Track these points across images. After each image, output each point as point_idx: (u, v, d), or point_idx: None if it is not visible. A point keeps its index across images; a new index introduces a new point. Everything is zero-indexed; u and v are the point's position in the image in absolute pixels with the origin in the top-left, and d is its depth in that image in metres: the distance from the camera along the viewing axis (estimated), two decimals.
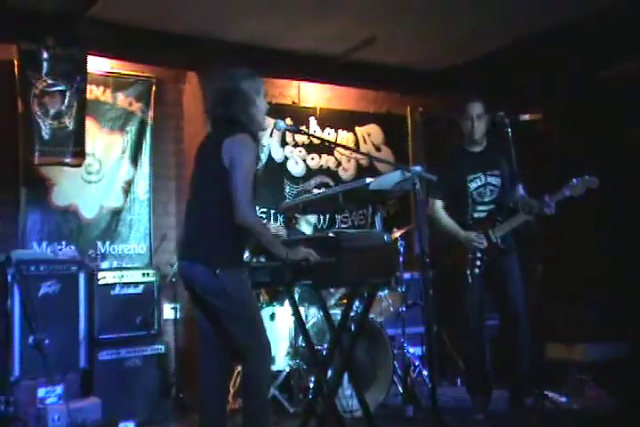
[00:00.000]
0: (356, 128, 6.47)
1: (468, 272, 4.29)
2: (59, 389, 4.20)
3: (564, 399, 4.32)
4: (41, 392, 4.15)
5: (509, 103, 4.70)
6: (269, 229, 3.45)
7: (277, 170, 5.99)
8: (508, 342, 4.33)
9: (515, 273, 4.34)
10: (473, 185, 4.39)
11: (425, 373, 5.00)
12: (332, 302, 4.76)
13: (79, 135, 4.92)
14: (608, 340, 4.94)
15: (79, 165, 4.96)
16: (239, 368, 4.33)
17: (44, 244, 4.92)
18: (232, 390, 4.41)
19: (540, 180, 4.49)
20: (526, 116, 4.83)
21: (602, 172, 4.30)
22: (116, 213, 5.30)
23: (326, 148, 6.17)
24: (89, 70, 5.00)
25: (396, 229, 4.89)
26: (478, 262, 4.31)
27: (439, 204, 4.45)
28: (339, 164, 6.33)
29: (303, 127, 6.04)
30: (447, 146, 5.75)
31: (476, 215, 4.40)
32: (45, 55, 4.80)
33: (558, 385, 4.56)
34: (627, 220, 5.13)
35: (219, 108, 3.32)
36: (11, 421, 3.92)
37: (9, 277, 4.19)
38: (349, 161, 6.36)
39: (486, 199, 4.40)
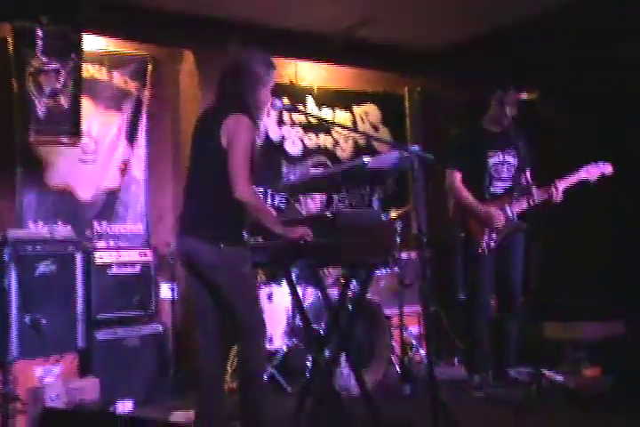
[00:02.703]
0: (354, 107, 6.45)
1: (485, 244, 4.34)
2: (56, 368, 4.21)
3: (560, 378, 4.34)
4: (38, 372, 4.16)
5: (508, 82, 4.68)
6: (267, 206, 3.44)
7: (274, 150, 5.96)
8: (500, 320, 4.39)
9: (520, 252, 4.45)
10: (491, 161, 4.47)
11: (422, 352, 5.02)
12: (330, 281, 4.76)
13: (75, 114, 4.88)
14: (605, 319, 4.96)
15: (75, 145, 4.93)
16: (236, 348, 4.36)
17: (41, 223, 4.90)
18: (230, 370, 4.43)
19: (545, 161, 4.55)
20: (524, 95, 4.82)
21: (604, 153, 4.34)
22: (113, 193, 5.28)
23: (324, 127, 6.14)
24: (84, 48, 4.95)
25: (393, 209, 4.88)
26: (494, 236, 4.37)
27: (458, 176, 4.50)
28: (336, 143, 6.30)
29: (300, 106, 6.01)
30: (448, 129, 5.77)
31: (492, 191, 4.48)
32: (40, 33, 4.73)
33: (555, 364, 4.57)
34: (626, 200, 5.12)
35: (228, 83, 3.31)
36: (9, 400, 3.92)
37: (5, 257, 4.17)
38: (347, 141, 6.33)
39: (504, 176, 4.49)
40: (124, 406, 4.33)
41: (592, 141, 5.20)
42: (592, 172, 4.38)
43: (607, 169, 4.40)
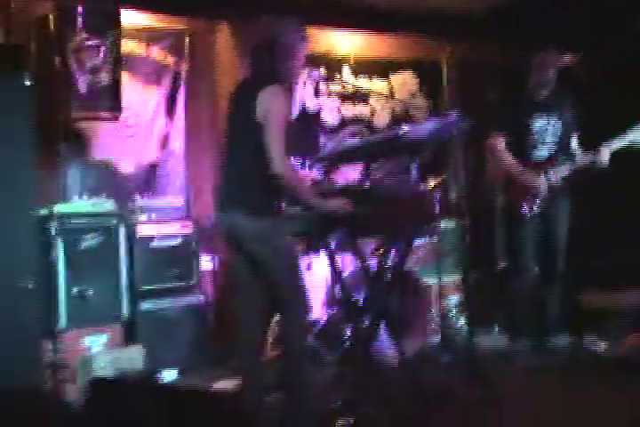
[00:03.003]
0: (391, 76, 6.37)
1: (527, 209, 4.33)
2: (103, 337, 4.33)
3: (603, 346, 4.31)
4: (86, 341, 4.28)
5: (550, 47, 4.59)
6: (304, 180, 3.46)
7: (311, 120, 5.94)
8: (543, 287, 4.37)
9: (565, 218, 4.43)
10: (536, 126, 4.44)
11: (461, 321, 5.01)
12: (369, 251, 4.76)
13: (116, 89, 4.92)
14: None
15: (116, 120, 4.99)
16: (277, 317, 4.41)
17: (85, 197, 4.99)
18: (270, 340, 4.49)
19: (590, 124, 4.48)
20: (566, 58, 4.73)
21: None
22: (153, 167, 5.33)
23: (361, 96, 6.09)
24: (123, 24, 4.98)
25: (432, 178, 4.84)
26: (537, 201, 4.33)
27: (502, 139, 4.48)
28: (373, 112, 6.25)
29: (337, 76, 5.98)
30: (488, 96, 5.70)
31: (536, 155, 4.44)
32: (80, 10, 4.78)
33: (597, 332, 4.53)
34: None
35: (260, 55, 3.32)
36: (58, 368, 4.06)
37: (52, 231, 4.28)
38: (384, 109, 6.28)
39: (548, 140, 4.45)
40: (169, 375, 4.45)
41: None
42: (636, 138, 4.29)
43: None
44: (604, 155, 4.27)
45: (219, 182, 3.44)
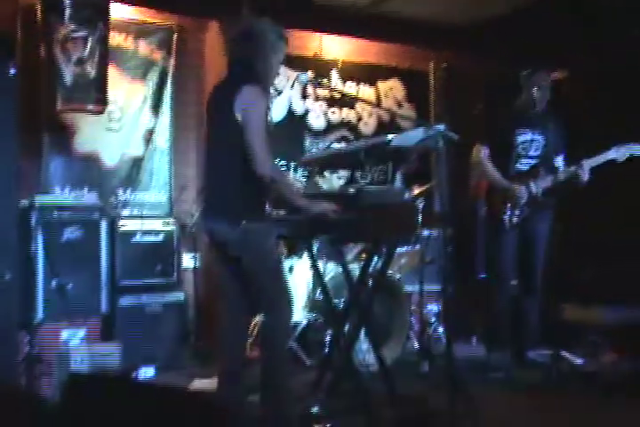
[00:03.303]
0: (379, 83, 6.41)
1: (507, 219, 4.37)
2: (81, 332, 4.31)
3: (579, 361, 4.38)
4: (64, 335, 4.26)
5: (536, 61, 4.65)
6: (290, 181, 3.46)
7: (298, 123, 5.96)
8: (521, 299, 4.42)
9: (545, 230, 4.46)
10: (520, 139, 4.48)
11: (441, 330, 5.06)
12: (351, 256, 4.80)
13: (102, 82, 4.89)
14: (627, 303, 4.96)
15: (101, 113, 4.95)
16: (257, 319, 4.43)
17: (67, 189, 4.96)
18: (249, 340, 4.50)
19: (574, 140, 4.54)
20: (554, 75, 4.80)
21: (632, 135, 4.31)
22: (137, 162, 5.31)
23: (347, 102, 6.13)
24: (111, 17, 4.94)
25: (416, 186, 4.89)
26: (517, 212, 4.38)
27: (486, 151, 4.52)
28: (360, 118, 6.29)
29: (325, 80, 6.00)
30: (473, 108, 5.77)
31: (518, 168, 4.49)
32: (68, 1, 4.74)
33: (574, 347, 4.58)
34: None
35: (237, 51, 3.32)
36: (35, 362, 4.02)
37: (32, 222, 4.25)
38: (371, 116, 6.33)
39: (531, 154, 4.49)
40: (146, 372, 4.44)
41: (622, 121, 5.14)
42: (621, 152, 4.33)
43: (637, 150, 4.34)
44: (586, 170, 4.32)
45: (204, 186, 3.42)
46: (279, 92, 5.87)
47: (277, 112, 5.85)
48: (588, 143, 4.68)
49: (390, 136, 3.51)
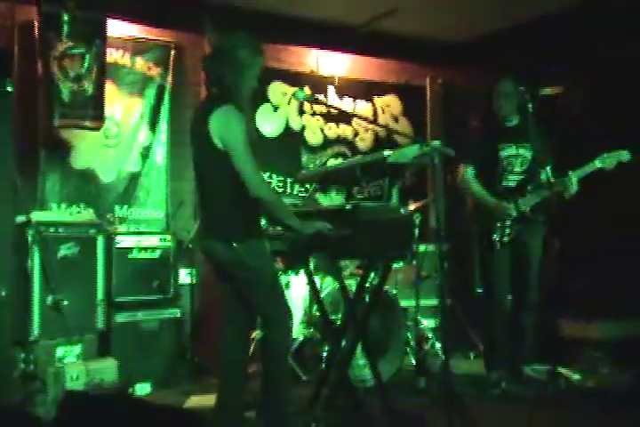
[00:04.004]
0: (375, 98, 6.45)
1: (497, 239, 4.33)
2: (77, 349, 4.29)
3: (577, 377, 4.36)
4: (59, 352, 4.24)
5: (532, 76, 4.67)
6: (283, 201, 3.44)
7: (294, 139, 5.98)
8: (517, 315, 4.40)
9: (536, 248, 4.40)
10: (504, 154, 4.43)
11: (438, 345, 5.05)
12: (348, 272, 4.80)
13: (99, 99, 4.92)
14: (624, 318, 4.95)
15: (98, 129, 4.97)
16: (255, 335, 4.42)
17: (63, 206, 4.96)
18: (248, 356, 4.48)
19: (566, 155, 4.50)
20: (547, 90, 4.79)
21: (629, 148, 4.29)
22: (134, 178, 5.32)
23: (344, 117, 6.15)
24: (108, 34, 4.98)
25: (412, 202, 4.91)
26: (507, 230, 4.35)
27: (470, 170, 4.48)
28: (356, 134, 6.32)
29: (321, 96, 6.03)
30: (470, 118, 5.77)
31: (505, 184, 4.44)
32: (66, 17, 4.77)
33: (572, 362, 4.57)
34: None
35: (208, 67, 3.28)
36: (30, 379, 4.01)
37: (29, 238, 4.24)
38: (367, 131, 6.35)
39: (517, 170, 4.44)
40: (142, 389, 4.42)
41: (616, 135, 5.14)
42: (608, 161, 4.28)
43: (625, 157, 4.29)
44: (573, 182, 4.26)
45: (199, 209, 3.42)
46: (276, 108, 5.90)
47: (274, 128, 5.88)
48: (582, 157, 4.62)
49: (387, 152, 3.52)
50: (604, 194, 4.86)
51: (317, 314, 4.48)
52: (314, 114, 6.09)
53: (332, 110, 6.01)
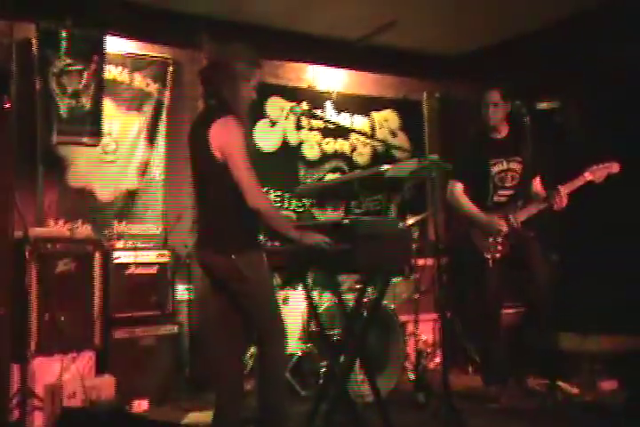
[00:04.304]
0: (373, 113, 6.47)
1: (489, 257, 4.29)
2: (74, 366, 4.26)
3: (575, 390, 4.34)
4: (56, 369, 4.20)
5: (529, 90, 4.67)
6: (282, 213, 3.44)
7: (292, 154, 5.99)
8: (524, 330, 4.36)
9: (538, 258, 4.34)
10: (494, 169, 4.40)
11: (436, 360, 5.02)
12: (346, 287, 4.79)
13: (97, 115, 4.96)
14: (623, 332, 4.93)
15: (96, 145, 5.00)
16: (252, 350, 4.40)
17: (61, 222, 4.95)
18: (245, 372, 4.47)
19: (559, 169, 4.49)
20: (544, 105, 4.81)
21: (625, 161, 4.29)
22: (132, 194, 5.31)
23: (342, 132, 6.16)
24: (107, 50, 5.01)
25: (410, 216, 4.90)
26: (499, 247, 4.30)
27: (459, 187, 4.44)
28: (354, 149, 6.33)
29: (319, 111, 6.05)
30: (468, 131, 5.76)
31: (496, 200, 4.41)
32: (64, 34, 4.82)
33: (570, 376, 4.55)
34: None
35: (206, 79, 3.29)
36: (27, 396, 3.98)
37: (26, 255, 4.22)
38: (365, 146, 6.36)
39: (507, 184, 4.41)
40: (140, 406, 4.40)
41: (609, 148, 5.13)
42: (597, 173, 4.25)
43: (614, 168, 4.27)
44: (563, 195, 4.22)
45: (197, 220, 3.42)
46: (274, 123, 5.91)
47: (272, 143, 5.89)
48: (563, 168, 4.59)
49: (385, 166, 3.52)
50: (601, 206, 4.84)
51: (315, 329, 4.46)
52: (311, 129, 6.11)
53: (330, 125, 6.01)
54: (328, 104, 6.21)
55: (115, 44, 5.22)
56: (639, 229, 5.06)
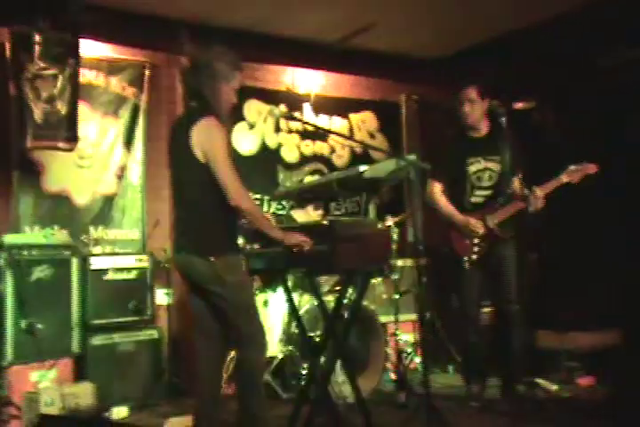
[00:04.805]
0: (351, 115, 6.46)
1: (466, 258, 4.28)
2: (52, 373, 4.22)
3: (554, 387, 4.35)
4: (34, 377, 4.16)
5: (506, 91, 4.68)
6: (265, 213, 3.44)
7: (271, 157, 5.97)
8: (500, 330, 4.35)
9: (510, 261, 4.31)
10: (472, 169, 4.36)
11: (417, 360, 5.03)
12: (326, 288, 4.77)
13: (72, 119, 4.90)
14: (600, 328, 4.97)
15: (72, 150, 4.94)
16: (232, 354, 4.36)
17: (37, 228, 4.89)
18: (225, 376, 4.43)
19: (535, 169, 4.48)
20: (520, 105, 4.81)
21: (601, 161, 4.30)
22: (109, 199, 5.26)
23: (320, 134, 6.15)
24: (82, 54, 4.96)
25: (389, 217, 4.90)
26: (476, 248, 4.28)
27: (438, 187, 4.42)
28: (333, 151, 6.32)
29: (297, 114, 6.03)
30: (446, 133, 5.75)
31: (473, 200, 4.37)
32: (37, 38, 4.76)
33: (549, 373, 4.58)
34: (624, 208, 5.10)
35: (187, 80, 3.28)
36: (3, 405, 3.93)
37: (1, 262, 4.19)
38: (343, 148, 6.35)
39: (485, 184, 4.36)
40: (119, 412, 4.34)
41: (585, 149, 5.16)
42: (574, 174, 4.21)
43: (591, 169, 4.23)
44: (539, 196, 4.16)
45: (174, 222, 3.39)
46: (252, 126, 5.89)
47: (250, 145, 5.87)
48: (541, 168, 4.58)
49: (363, 167, 3.51)
50: (578, 204, 4.86)
51: (296, 331, 4.44)
52: (290, 131, 6.09)
53: (309, 127, 6.00)
54: (306, 106, 6.19)
55: (90, 48, 5.18)
56: (617, 226, 5.11)
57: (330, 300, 4.34)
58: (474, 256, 4.28)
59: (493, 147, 4.34)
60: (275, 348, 4.61)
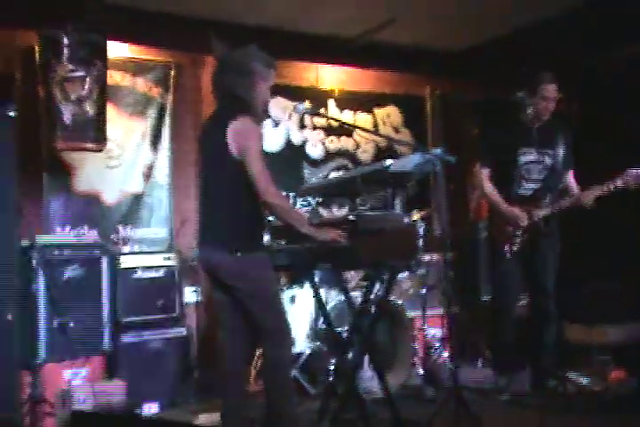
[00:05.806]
0: (375, 110, 6.44)
1: (507, 248, 4.24)
2: (84, 371, 4.28)
3: (585, 381, 4.31)
4: (66, 374, 4.22)
5: (529, 85, 4.63)
6: (296, 209, 3.44)
7: (296, 153, 5.99)
8: (535, 324, 4.31)
9: (550, 256, 4.26)
10: (523, 159, 4.27)
11: (445, 354, 5.01)
12: (353, 284, 4.78)
13: (100, 121, 4.95)
14: (630, 321, 4.89)
15: (100, 151, 4.99)
16: (259, 351, 4.39)
17: (68, 228, 4.97)
18: (253, 372, 4.47)
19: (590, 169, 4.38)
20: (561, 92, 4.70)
21: (624, 156, 4.21)
22: (137, 198, 5.32)
23: (345, 130, 6.14)
24: (108, 55, 5.02)
25: (415, 211, 4.88)
26: (517, 240, 4.24)
27: (486, 172, 4.36)
28: (357, 146, 6.31)
29: (322, 110, 6.04)
30: (469, 130, 5.71)
31: (521, 192, 4.30)
32: (66, 41, 4.81)
33: (579, 367, 4.53)
34: None
35: (221, 79, 3.29)
36: (38, 402, 3.99)
37: (34, 262, 4.24)
38: (368, 143, 6.34)
39: (534, 177, 4.28)
40: (150, 409, 4.40)
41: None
42: (629, 179, 4.00)
43: None
44: (590, 198, 4.07)
45: (200, 217, 3.41)
46: (277, 123, 5.91)
47: (275, 143, 5.89)
48: (595, 167, 4.47)
49: (388, 161, 3.51)
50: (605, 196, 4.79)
51: (323, 327, 4.45)
52: (315, 128, 6.10)
53: (333, 123, 5.99)
54: (331, 102, 6.20)
55: (116, 49, 5.23)
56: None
57: (357, 295, 4.33)
58: (514, 247, 4.24)
59: (549, 139, 4.25)
60: (302, 344, 4.62)
